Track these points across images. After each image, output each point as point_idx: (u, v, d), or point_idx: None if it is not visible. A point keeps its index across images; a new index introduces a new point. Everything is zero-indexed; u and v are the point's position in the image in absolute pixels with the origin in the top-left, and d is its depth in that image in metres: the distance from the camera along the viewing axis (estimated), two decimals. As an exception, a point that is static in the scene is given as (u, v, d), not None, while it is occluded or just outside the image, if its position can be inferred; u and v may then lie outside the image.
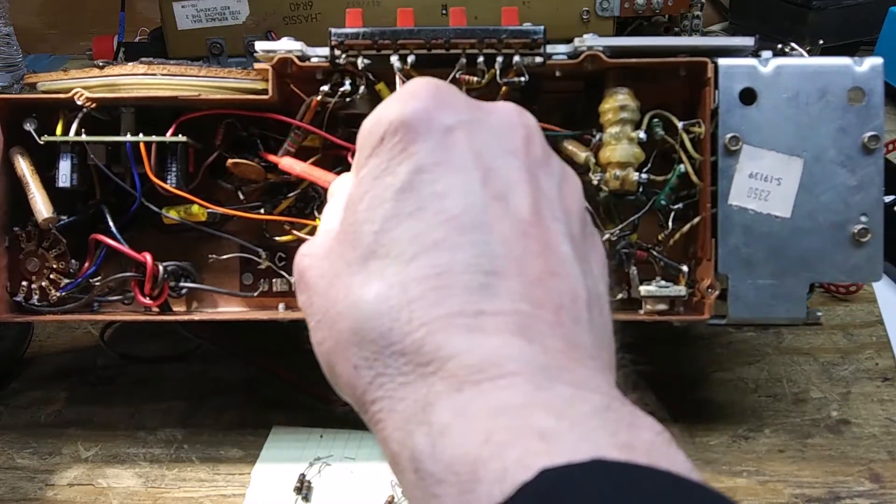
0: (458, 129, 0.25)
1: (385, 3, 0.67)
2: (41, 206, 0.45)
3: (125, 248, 0.47)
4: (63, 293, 0.48)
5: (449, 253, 0.23)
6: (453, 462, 0.20)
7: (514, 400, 0.20)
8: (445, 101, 0.26)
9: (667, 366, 0.58)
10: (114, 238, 0.47)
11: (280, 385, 0.58)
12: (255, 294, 0.50)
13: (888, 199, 0.65)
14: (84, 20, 0.74)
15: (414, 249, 0.23)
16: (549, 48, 0.45)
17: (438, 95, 0.26)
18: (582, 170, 0.47)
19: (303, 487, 0.51)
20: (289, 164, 0.46)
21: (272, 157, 0.47)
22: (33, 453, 0.55)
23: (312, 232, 0.49)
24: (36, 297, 0.48)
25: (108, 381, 0.61)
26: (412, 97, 0.26)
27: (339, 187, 0.31)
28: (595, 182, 0.45)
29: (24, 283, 0.48)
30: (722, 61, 0.44)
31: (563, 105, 0.49)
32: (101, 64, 0.47)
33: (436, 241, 0.23)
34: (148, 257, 0.47)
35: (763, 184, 0.44)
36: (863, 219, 0.44)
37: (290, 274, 0.50)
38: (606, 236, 0.46)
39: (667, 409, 0.56)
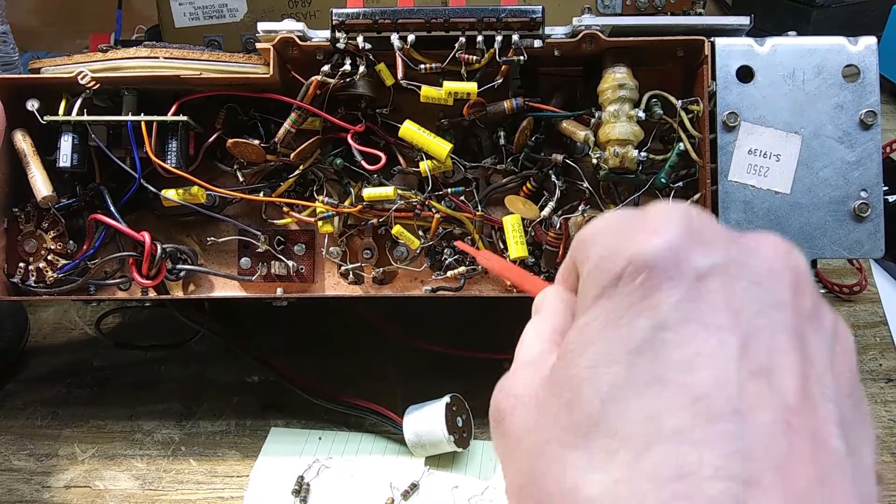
0: (714, 275, 0.22)
1: (384, 1, 0.71)
2: (41, 185, 0.48)
3: (124, 227, 0.50)
4: (60, 274, 0.50)
5: (694, 449, 0.20)
6: None
7: None
8: (699, 237, 0.22)
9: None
10: (113, 218, 0.50)
11: (278, 386, 0.61)
12: (254, 277, 0.52)
13: (892, 198, 0.68)
14: (81, 18, 0.78)
15: (648, 434, 0.20)
16: (548, 29, 0.49)
17: (690, 228, 0.22)
18: (581, 149, 0.51)
19: (301, 489, 0.53)
20: (487, 258, 0.45)
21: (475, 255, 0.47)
22: (30, 455, 0.58)
23: (312, 215, 0.52)
24: (32, 278, 0.50)
25: (105, 383, 0.63)
26: (658, 229, 0.22)
27: (548, 302, 0.29)
28: (595, 160, 0.49)
29: (22, 264, 0.51)
30: (719, 40, 0.48)
31: (563, 89, 0.52)
32: (104, 48, 0.51)
33: (677, 428, 0.20)
34: (146, 236, 0.50)
35: (762, 160, 0.48)
36: (863, 194, 0.47)
37: (289, 258, 0.53)
38: (607, 216, 0.49)
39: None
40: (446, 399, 0.54)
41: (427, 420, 0.53)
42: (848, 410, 0.23)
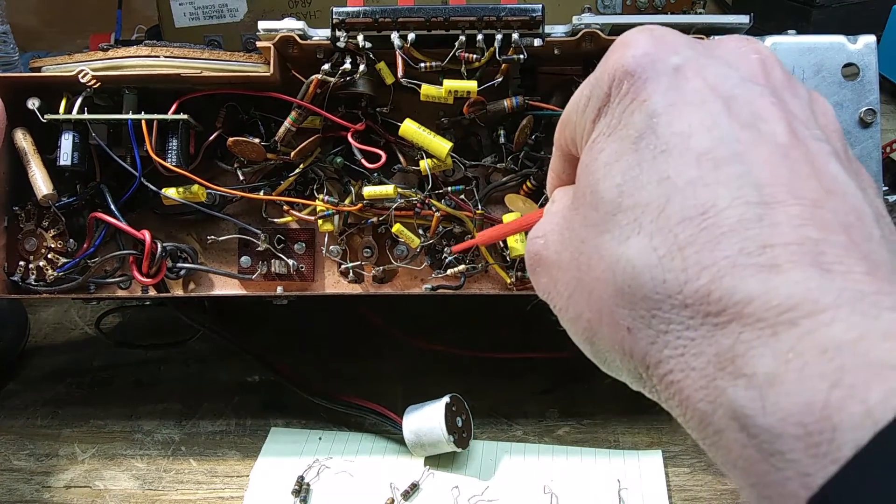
0: (686, 65, 0.25)
1: (384, 0, 0.71)
2: (41, 183, 0.49)
3: (124, 225, 0.50)
4: (60, 273, 0.51)
5: (708, 190, 0.22)
6: (795, 412, 0.19)
7: (846, 335, 0.19)
8: (665, 43, 0.25)
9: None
10: (113, 217, 0.50)
11: (278, 386, 0.61)
12: (254, 276, 0.53)
13: (892, 198, 0.69)
14: (81, 18, 0.78)
15: (666, 192, 0.23)
16: (548, 28, 0.49)
17: (656, 38, 0.25)
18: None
19: (301, 489, 0.53)
20: (484, 236, 0.46)
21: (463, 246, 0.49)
22: (30, 455, 0.58)
23: (313, 213, 0.52)
24: (33, 276, 0.51)
25: (105, 383, 0.64)
26: (629, 46, 0.25)
27: (556, 195, 0.31)
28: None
29: (22, 262, 0.51)
30: (718, 39, 0.48)
31: (563, 88, 0.53)
32: (104, 47, 0.51)
33: (689, 179, 0.22)
34: (147, 234, 0.50)
35: (762, 158, 0.48)
36: (862, 192, 0.48)
37: (289, 256, 0.53)
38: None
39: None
40: (446, 399, 0.54)
41: (426, 420, 0.53)
42: (840, 148, 0.25)
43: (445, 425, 0.52)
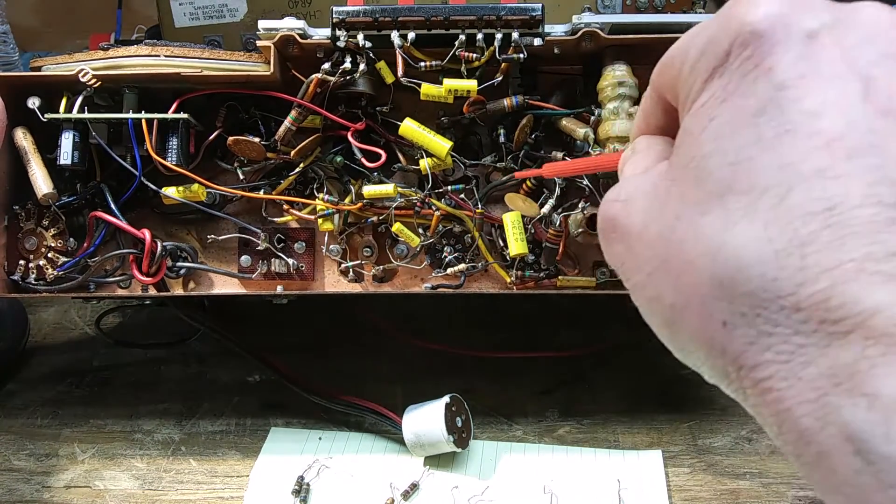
0: (823, 33, 0.22)
1: (384, 1, 0.71)
2: (41, 182, 0.49)
3: (124, 224, 0.50)
4: (60, 272, 0.51)
5: (838, 183, 0.20)
6: None
7: None
8: (801, 2, 0.23)
9: (669, 366, 0.61)
10: (113, 216, 0.50)
11: (278, 386, 0.61)
12: (254, 275, 0.53)
13: None
14: (81, 18, 0.78)
15: (788, 179, 0.21)
16: (548, 27, 0.49)
17: None
18: (580, 147, 0.51)
19: (301, 489, 0.53)
20: (551, 169, 0.43)
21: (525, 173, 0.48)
22: (30, 455, 0.58)
23: (313, 212, 0.52)
24: (33, 275, 0.51)
25: (105, 383, 0.64)
26: (759, 2, 0.23)
27: (639, 145, 0.29)
28: (595, 158, 0.49)
29: (22, 262, 0.51)
30: (718, 38, 0.48)
31: (563, 87, 0.53)
32: (104, 46, 0.51)
33: (817, 168, 0.20)
34: (147, 233, 0.50)
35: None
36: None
37: (289, 256, 0.53)
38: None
39: (670, 409, 0.58)
40: (446, 399, 0.54)
41: (426, 420, 0.53)
42: None
43: (445, 425, 0.52)
